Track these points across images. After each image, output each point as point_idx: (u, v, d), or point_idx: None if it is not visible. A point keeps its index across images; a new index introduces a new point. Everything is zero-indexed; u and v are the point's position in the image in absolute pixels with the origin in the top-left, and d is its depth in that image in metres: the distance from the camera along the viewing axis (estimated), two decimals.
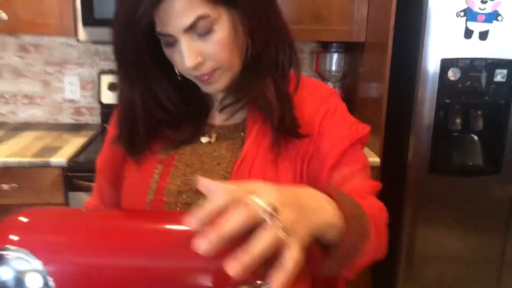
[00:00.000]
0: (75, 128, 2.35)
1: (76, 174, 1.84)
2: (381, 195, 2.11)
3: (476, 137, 1.79)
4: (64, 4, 1.97)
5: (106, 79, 2.30)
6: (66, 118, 2.44)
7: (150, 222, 0.53)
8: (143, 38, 0.71)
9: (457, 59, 1.70)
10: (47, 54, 2.36)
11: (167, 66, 0.78)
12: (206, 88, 0.79)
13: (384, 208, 0.75)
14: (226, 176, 0.79)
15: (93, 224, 0.54)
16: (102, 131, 2.31)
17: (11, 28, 2.00)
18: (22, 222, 0.52)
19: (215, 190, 0.48)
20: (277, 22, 0.79)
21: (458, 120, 1.78)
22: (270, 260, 0.45)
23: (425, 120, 1.79)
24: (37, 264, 0.48)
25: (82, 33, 1.97)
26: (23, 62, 2.36)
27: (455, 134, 1.79)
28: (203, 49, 0.72)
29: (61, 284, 0.47)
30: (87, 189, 1.83)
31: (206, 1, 0.69)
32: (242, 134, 0.83)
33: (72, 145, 2.03)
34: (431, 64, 1.72)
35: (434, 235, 1.91)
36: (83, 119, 2.45)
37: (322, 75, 2.35)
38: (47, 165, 1.84)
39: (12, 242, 0.49)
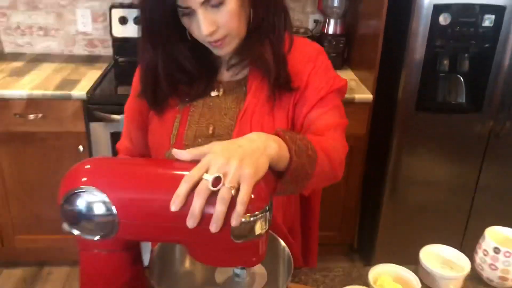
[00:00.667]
0: (89, 60, 2.50)
1: (94, 106, 2.03)
2: (372, 128, 2.33)
3: (461, 78, 1.94)
4: None
5: (117, 13, 2.41)
6: (80, 49, 2.58)
7: (173, 170, 0.72)
8: (168, 11, 0.86)
9: (449, 5, 1.81)
10: None
11: (182, 34, 0.94)
12: (217, 52, 0.95)
13: (342, 143, 0.94)
14: (232, 124, 0.98)
15: (138, 168, 0.73)
16: (115, 63, 2.46)
17: None
18: (87, 167, 0.72)
19: (185, 158, 0.69)
20: None
21: (446, 62, 1.92)
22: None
23: (416, 61, 1.92)
24: (102, 196, 0.68)
25: None
26: None
27: (442, 74, 1.94)
28: (216, 18, 0.87)
29: (120, 209, 0.68)
30: (105, 120, 2.02)
31: None
32: (244, 88, 1.00)
33: (88, 78, 2.19)
34: (425, 9, 1.83)
35: (418, 163, 2.12)
36: (96, 51, 2.59)
37: (324, 12, 2.45)
38: (68, 98, 2.02)
39: (82, 183, 0.69)
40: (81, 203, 0.68)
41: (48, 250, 2.40)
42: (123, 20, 2.41)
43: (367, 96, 2.10)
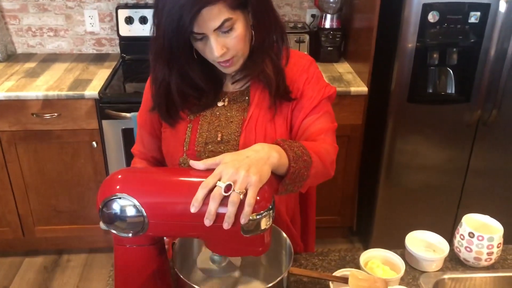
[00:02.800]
0: (98, 58, 2.62)
1: (106, 105, 2.16)
2: (368, 117, 2.46)
3: (450, 70, 2.07)
4: None
5: (123, 13, 2.52)
6: (89, 48, 2.71)
7: (191, 177, 0.86)
8: (186, 38, 0.98)
9: (437, 3, 1.93)
10: None
11: (192, 54, 1.05)
12: (225, 70, 1.07)
13: (333, 145, 1.08)
14: (238, 131, 1.11)
15: (161, 176, 0.87)
16: (122, 61, 2.58)
17: None
18: (119, 177, 0.86)
19: (200, 168, 0.83)
20: (273, 15, 1.07)
21: (435, 55, 2.04)
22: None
23: (407, 55, 2.04)
24: (133, 201, 0.82)
25: None
26: None
27: (432, 67, 2.06)
28: (226, 42, 0.99)
29: (148, 211, 0.82)
30: (116, 117, 2.16)
31: (229, 7, 0.95)
32: (247, 97, 1.14)
33: (99, 77, 2.32)
34: (414, 7, 1.94)
35: (411, 150, 2.24)
36: (104, 49, 2.72)
37: (321, 7, 2.56)
38: (81, 97, 2.15)
39: (116, 190, 0.83)
40: (116, 207, 0.82)
41: (66, 239, 2.57)
42: (129, 20, 2.52)
43: (363, 89, 2.23)
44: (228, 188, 0.78)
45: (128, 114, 2.12)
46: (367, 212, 2.54)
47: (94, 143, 2.25)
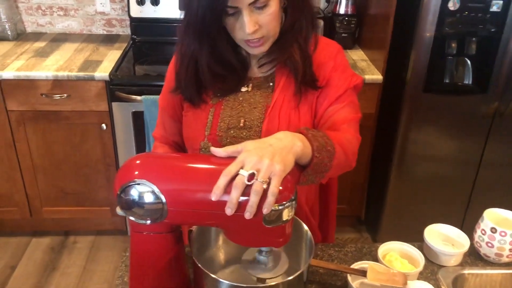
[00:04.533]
0: (108, 39, 2.59)
1: (117, 87, 2.13)
2: (381, 105, 2.42)
3: (468, 61, 2.02)
4: None
5: None
6: (99, 29, 2.67)
7: (212, 164, 0.83)
8: (220, 10, 0.94)
9: None
10: None
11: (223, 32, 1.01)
12: (253, 51, 1.03)
13: (356, 136, 1.06)
14: (261, 117, 1.08)
15: (181, 162, 0.85)
16: (132, 43, 2.54)
17: None
18: (138, 162, 0.83)
19: (221, 155, 0.80)
20: (307, 1, 1.03)
21: (454, 45, 1.99)
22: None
23: (425, 44, 1.99)
24: (153, 187, 0.79)
25: None
26: None
27: (449, 57, 2.01)
28: (259, 19, 0.96)
29: (168, 198, 0.79)
30: (127, 100, 2.13)
31: None
32: (271, 84, 1.10)
33: (109, 58, 2.29)
34: None
35: (424, 140, 2.21)
36: (114, 30, 2.68)
37: None
38: (92, 79, 2.12)
39: (135, 176, 0.80)
40: (135, 193, 0.80)
41: (73, 221, 2.56)
42: (140, 1, 2.47)
43: (377, 77, 2.19)
44: (251, 176, 0.75)
45: (138, 97, 2.09)
46: (376, 202, 2.52)
47: (103, 125, 2.23)
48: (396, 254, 1.10)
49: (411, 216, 2.40)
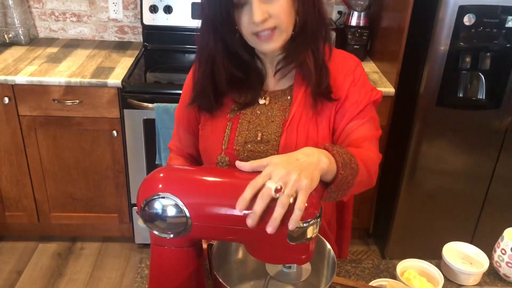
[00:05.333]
0: (120, 46, 2.59)
1: (129, 94, 2.13)
2: (393, 118, 2.40)
3: (482, 76, 2.01)
4: None
5: (147, 2, 2.48)
6: (111, 36, 2.67)
7: (236, 178, 0.82)
8: (231, 6, 0.94)
9: (474, 6, 1.87)
10: None
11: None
12: (264, 46, 1.00)
13: (377, 154, 1.05)
14: (279, 131, 1.07)
15: (205, 176, 0.84)
16: (144, 50, 2.55)
17: None
18: (160, 175, 0.82)
19: (246, 169, 0.79)
20: (318, 5, 1.02)
21: (468, 59, 1.99)
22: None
23: (439, 58, 1.99)
24: (177, 201, 0.79)
25: None
26: None
27: (463, 72, 2.01)
28: (268, 8, 0.94)
29: (192, 212, 0.79)
30: (138, 107, 2.13)
31: None
32: (289, 97, 1.10)
33: (122, 65, 2.29)
34: (450, 9, 1.89)
35: (435, 154, 2.20)
36: (126, 37, 2.68)
37: (349, 4, 2.50)
38: (104, 85, 2.12)
39: (159, 189, 0.80)
40: (159, 207, 0.79)
41: (81, 227, 2.56)
42: (153, 9, 2.48)
43: (389, 89, 2.18)
44: (278, 190, 0.75)
45: (150, 105, 2.09)
46: (385, 215, 2.50)
47: (114, 132, 2.23)
48: (414, 272, 1.09)
49: (420, 229, 2.39)
